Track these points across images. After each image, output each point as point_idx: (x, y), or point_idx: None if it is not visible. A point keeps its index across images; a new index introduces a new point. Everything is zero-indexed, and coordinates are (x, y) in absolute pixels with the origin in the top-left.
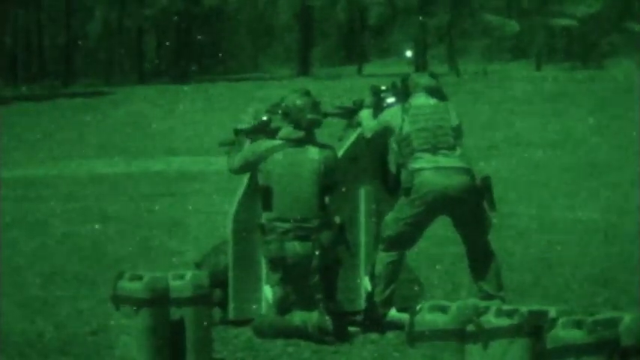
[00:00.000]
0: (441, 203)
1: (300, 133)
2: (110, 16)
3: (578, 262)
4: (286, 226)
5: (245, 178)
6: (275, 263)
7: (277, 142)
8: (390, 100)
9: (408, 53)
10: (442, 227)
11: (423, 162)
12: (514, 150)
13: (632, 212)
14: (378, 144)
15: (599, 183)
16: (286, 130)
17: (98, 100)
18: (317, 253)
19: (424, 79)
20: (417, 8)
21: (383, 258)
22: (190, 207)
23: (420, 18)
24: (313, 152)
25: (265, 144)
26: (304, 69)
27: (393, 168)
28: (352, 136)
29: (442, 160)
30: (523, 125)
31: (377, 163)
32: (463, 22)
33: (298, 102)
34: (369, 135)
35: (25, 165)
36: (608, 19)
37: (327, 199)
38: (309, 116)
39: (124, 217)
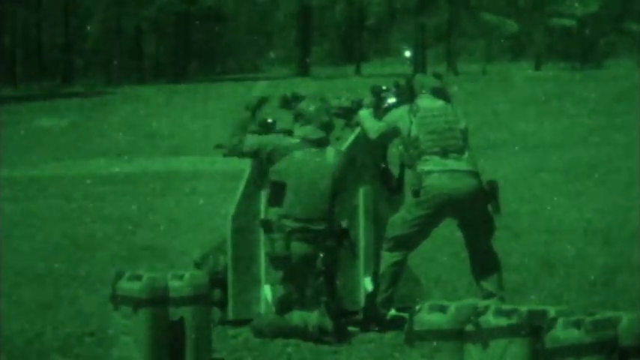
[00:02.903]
0: (449, 206)
1: (320, 134)
2: (109, 16)
3: (578, 262)
4: (294, 225)
5: (245, 179)
6: (278, 262)
7: (296, 140)
8: (391, 100)
9: (407, 53)
10: (442, 227)
11: (432, 164)
12: (513, 150)
13: (632, 212)
14: (378, 144)
15: (599, 183)
16: (305, 130)
17: (98, 100)
18: (321, 255)
19: (429, 80)
20: (415, 8)
21: (387, 258)
22: (190, 207)
23: (419, 18)
24: (330, 156)
25: (287, 140)
26: (303, 69)
27: (395, 168)
28: (351, 136)
29: (451, 163)
30: (522, 125)
31: (377, 163)
32: (462, 22)
33: (312, 107)
34: (374, 136)
35: (25, 165)
36: (608, 18)
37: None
38: (325, 119)
39: (124, 217)
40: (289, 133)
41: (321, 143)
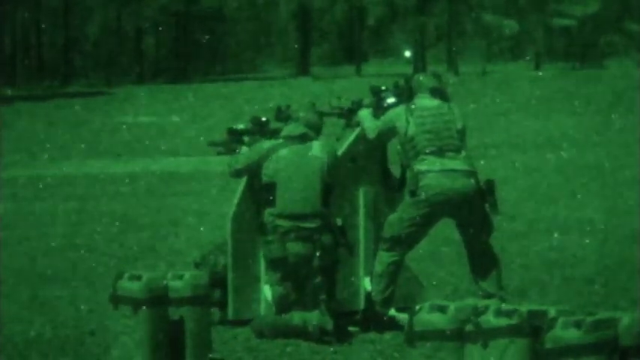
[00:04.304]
0: (446, 205)
1: (303, 129)
2: (109, 16)
3: (578, 262)
4: (288, 225)
5: (244, 179)
6: (276, 263)
7: (280, 140)
8: (391, 100)
9: (407, 53)
10: (442, 227)
11: (429, 164)
12: (513, 150)
13: (632, 212)
14: (378, 144)
15: (599, 183)
16: (288, 128)
17: (98, 100)
18: (318, 254)
19: (428, 80)
20: (415, 8)
21: (384, 258)
22: (190, 207)
23: (419, 18)
24: (317, 149)
25: (268, 143)
26: (303, 69)
27: (396, 168)
28: (351, 136)
29: (448, 163)
30: (522, 125)
31: (377, 163)
32: (462, 22)
33: (301, 113)
34: (372, 135)
35: (25, 165)
36: (607, 19)
37: (329, 198)
38: (310, 117)
39: (124, 217)
40: (278, 133)
41: (304, 138)
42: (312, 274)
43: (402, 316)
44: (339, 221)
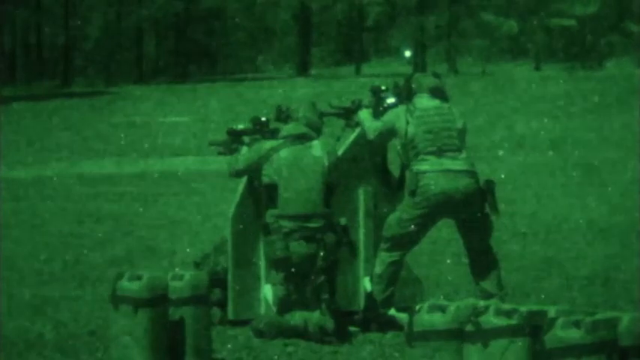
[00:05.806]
0: (446, 206)
1: (303, 129)
2: (109, 16)
3: (578, 262)
4: (291, 225)
5: (244, 179)
6: (279, 263)
7: (280, 140)
8: (390, 100)
9: (407, 53)
10: (442, 227)
11: (429, 164)
12: (513, 150)
13: (632, 212)
14: (378, 144)
15: (599, 183)
16: (288, 128)
17: (98, 100)
18: (321, 254)
19: (428, 80)
20: (415, 8)
21: (384, 258)
22: (190, 207)
23: (419, 18)
24: (317, 149)
25: (269, 143)
26: (303, 69)
27: (396, 168)
28: (351, 136)
29: (448, 163)
30: (522, 125)
31: (377, 163)
32: (462, 22)
33: (301, 113)
34: (372, 136)
35: (25, 165)
36: (607, 19)
37: (331, 198)
38: (311, 117)
39: (124, 217)
40: (278, 133)
41: (304, 138)
42: (315, 273)
43: (402, 316)
44: (342, 221)
